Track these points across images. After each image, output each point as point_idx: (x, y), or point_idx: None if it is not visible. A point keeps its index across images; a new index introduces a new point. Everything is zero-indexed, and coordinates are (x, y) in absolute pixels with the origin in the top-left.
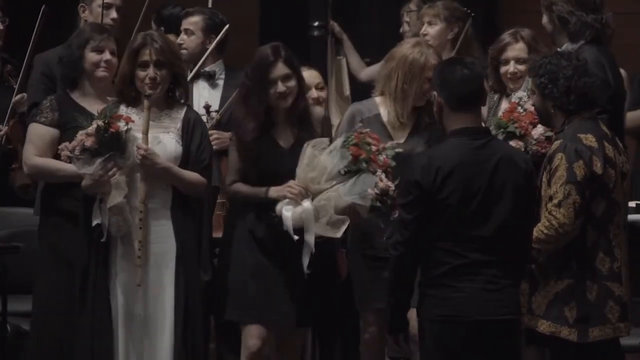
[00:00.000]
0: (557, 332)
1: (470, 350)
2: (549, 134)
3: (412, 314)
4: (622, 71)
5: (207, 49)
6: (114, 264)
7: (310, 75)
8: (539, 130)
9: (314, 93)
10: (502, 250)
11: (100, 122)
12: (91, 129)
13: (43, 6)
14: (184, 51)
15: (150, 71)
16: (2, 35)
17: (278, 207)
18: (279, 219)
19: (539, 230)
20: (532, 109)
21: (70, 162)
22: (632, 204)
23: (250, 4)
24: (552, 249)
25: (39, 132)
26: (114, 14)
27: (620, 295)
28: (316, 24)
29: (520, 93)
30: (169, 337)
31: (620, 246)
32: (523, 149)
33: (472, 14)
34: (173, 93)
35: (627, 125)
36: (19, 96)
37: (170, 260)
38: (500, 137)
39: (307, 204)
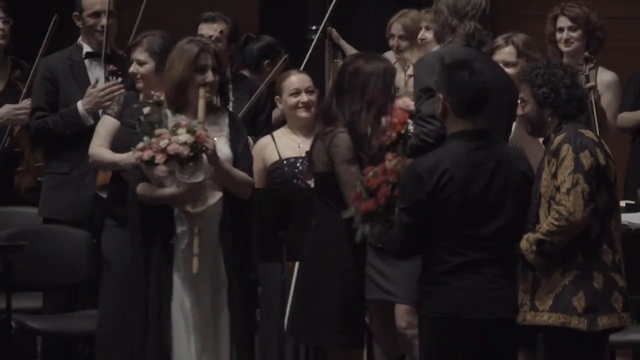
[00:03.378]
0: (567, 323)
1: (470, 348)
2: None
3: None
4: (610, 74)
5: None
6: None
7: (300, 79)
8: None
9: (304, 97)
10: (502, 249)
11: (190, 134)
12: (188, 138)
13: (55, 15)
14: None
15: (210, 75)
16: (7, 35)
17: None
18: None
19: (550, 223)
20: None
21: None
22: (622, 203)
23: (249, 8)
24: (564, 240)
25: (105, 123)
26: (103, 20)
27: (623, 286)
28: (314, 27)
29: None
30: (225, 340)
31: (619, 240)
32: None
33: None
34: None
35: (625, 126)
36: (25, 100)
37: (221, 264)
38: None
39: None
